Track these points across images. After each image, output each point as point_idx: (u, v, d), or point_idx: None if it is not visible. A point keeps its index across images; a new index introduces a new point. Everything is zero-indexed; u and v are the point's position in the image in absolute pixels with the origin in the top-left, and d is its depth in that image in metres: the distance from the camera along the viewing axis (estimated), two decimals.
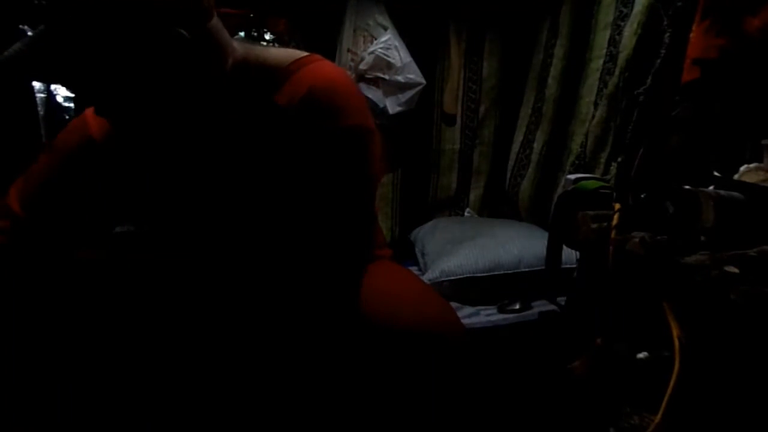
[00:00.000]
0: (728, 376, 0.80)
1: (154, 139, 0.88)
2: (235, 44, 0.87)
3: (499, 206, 2.41)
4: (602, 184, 1.16)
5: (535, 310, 1.65)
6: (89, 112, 0.94)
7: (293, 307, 0.86)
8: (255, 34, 2.21)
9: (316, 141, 0.82)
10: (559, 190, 1.53)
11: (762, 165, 1.07)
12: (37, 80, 0.84)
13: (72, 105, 2.16)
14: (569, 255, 1.33)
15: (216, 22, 0.82)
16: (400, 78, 2.08)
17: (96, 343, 0.90)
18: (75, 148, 0.92)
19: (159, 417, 0.92)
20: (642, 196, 0.97)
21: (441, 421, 0.90)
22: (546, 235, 1.34)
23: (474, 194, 2.45)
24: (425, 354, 0.85)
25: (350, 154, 0.84)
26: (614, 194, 1.12)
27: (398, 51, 2.07)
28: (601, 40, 1.80)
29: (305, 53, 0.90)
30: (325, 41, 2.18)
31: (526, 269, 1.72)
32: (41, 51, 0.73)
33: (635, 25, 1.61)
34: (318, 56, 0.91)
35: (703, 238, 0.87)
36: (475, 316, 1.63)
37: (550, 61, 2.06)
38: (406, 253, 2.09)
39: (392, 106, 2.11)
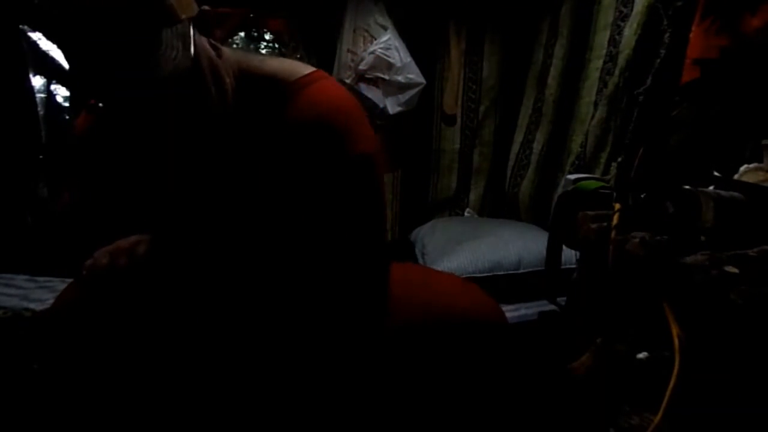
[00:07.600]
0: (728, 376, 0.80)
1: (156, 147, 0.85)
2: (228, 52, 0.84)
3: (499, 206, 2.41)
4: (602, 184, 1.16)
5: (535, 310, 1.65)
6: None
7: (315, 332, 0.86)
8: (255, 34, 2.21)
9: (327, 167, 0.82)
10: (559, 190, 1.53)
11: (762, 165, 1.07)
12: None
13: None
14: (569, 255, 1.33)
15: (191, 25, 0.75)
16: (400, 78, 2.08)
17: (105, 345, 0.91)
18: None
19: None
20: (642, 196, 0.97)
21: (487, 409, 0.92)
22: (546, 235, 1.34)
23: (474, 194, 2.45)
24: (473, 341, 0.87)
25: (364, 180, 0.84)
26: (614, 194, 1.12)
27: (398, 51, 2.07)
28: (601, 40, 1.80)
29: (309, 68, 0.88)
30: (325, 41, 2.18)
31: (526, 269, 1.72)
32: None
33: (635, 25, 1.61)
34: (322, 73, 0.88)
35: (703, 238, 0.87)
36: None
37: (550, 61, 2.05)
38: (406, 254, 2.09)
39: (392, 106, 2.11)
